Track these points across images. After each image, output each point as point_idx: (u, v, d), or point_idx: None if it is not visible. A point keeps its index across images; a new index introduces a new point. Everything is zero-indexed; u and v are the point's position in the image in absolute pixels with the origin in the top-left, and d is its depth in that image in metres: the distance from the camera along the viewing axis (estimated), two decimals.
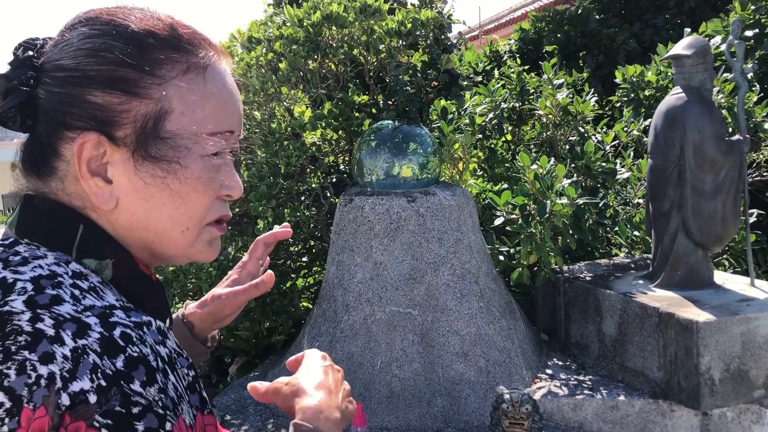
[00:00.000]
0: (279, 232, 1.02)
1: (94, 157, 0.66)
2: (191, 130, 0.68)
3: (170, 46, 0.68)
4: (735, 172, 2.90)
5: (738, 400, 2.61)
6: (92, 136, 0.65)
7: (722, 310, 2.64)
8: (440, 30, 3.82)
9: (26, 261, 0.62)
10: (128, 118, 0.65)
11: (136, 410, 0.55)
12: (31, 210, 0.67)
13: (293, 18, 3.55)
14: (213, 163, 0.70)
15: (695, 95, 2.90)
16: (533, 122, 4.15)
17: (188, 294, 3.54)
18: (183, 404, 0.60)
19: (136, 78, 0.66)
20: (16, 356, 0.54)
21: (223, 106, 0.71)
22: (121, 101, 0.65)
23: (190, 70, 0.69)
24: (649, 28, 6.16)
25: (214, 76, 0.71)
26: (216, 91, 0.70)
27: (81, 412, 0.53)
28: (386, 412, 2.71)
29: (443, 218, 2.92)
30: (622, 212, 3.78)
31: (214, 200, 0.71)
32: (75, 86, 0.65)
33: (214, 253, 0.74)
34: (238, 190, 0.73)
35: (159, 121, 0.67)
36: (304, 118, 3.46)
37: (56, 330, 0.56)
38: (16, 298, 0.58)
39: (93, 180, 0.66)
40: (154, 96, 0.66)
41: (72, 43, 0.66)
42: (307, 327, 3.09)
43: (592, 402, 2.75)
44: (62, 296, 0.59)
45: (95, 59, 0.65)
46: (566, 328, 3.25)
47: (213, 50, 0.72)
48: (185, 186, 0.68)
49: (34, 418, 0.53)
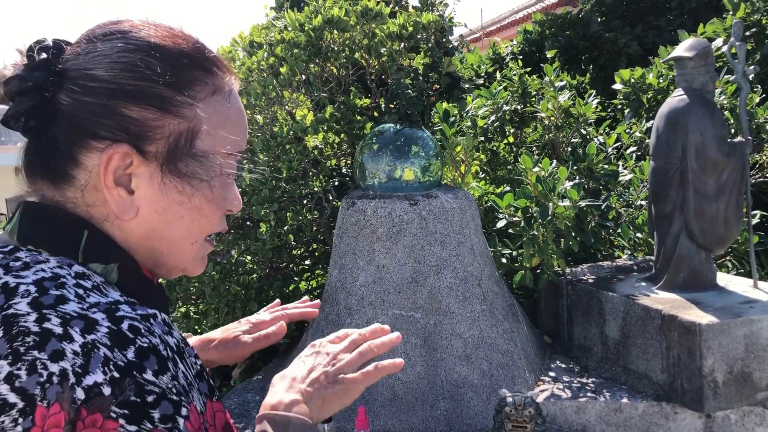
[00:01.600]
0: (307, 311, 1.07)
1: (119, 168, 0.67)
2: (216, 150, 0.71)
3: (201, 67, 0.71)
4: (737, 174, 2.89)
5: (741, 403, 2.61)
6: (123, 148, 0.66)
7: (725, 312, 2.64)
8: (442, 33, 3.83)
9: (28, 266, 0.63)
10: (161, 135, 0.67)
11: (151, 399, 0.57)
12: (32, 217, 0.67)
13: (294, 22, 3.56)
14: (227, 182, 0.74)
15: (697, 97, 2.89)
16: (535, 124, 4.15)
17: (191, 298, 3.55)
18: (193, 392, 0.61)
19: (172, 96, 0.67)
20: (25, 356, 0.55)
21: (240, 128, 0.74)
22: (155, 117, 0.67)
23: (216, 93, 0.72)
24: (651, 29, 6.16)
25: (234, 99, 0.74)
26: (235, 114, 0.74)
27: (97, 404, 0.55)
28: (389, 416, 2.71)
29: (445, 221, 2.92)
30: (624, 214, 3.78)
31: (222, 216, 0.75)
32: (110, 98, 0.65)
33: (203, 266, 0.78)
34: (239, 205, 0.77)
35: (190, 139, 0.69)
36: (306, 121, 3.46)
37: (64, 328, 0.57)
38: (20, 301, 0.58)
39: (116, 190, 0.67)
40: (188, 115, 0.69)
41: (106, 54, 0.66)
42: (310, 330, 3.09)
43: (595, 404, 2.75)
44: (67, 296, 0.60)
45: (132, 74, 0.66)
46: (569, 331, 3.25)
47: (233, 75, 0.75)
48: (206, 203, 0.72)
49: (49, 415, 0.53)
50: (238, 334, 1.01)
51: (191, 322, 3.51)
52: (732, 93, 3.82)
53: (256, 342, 1.00)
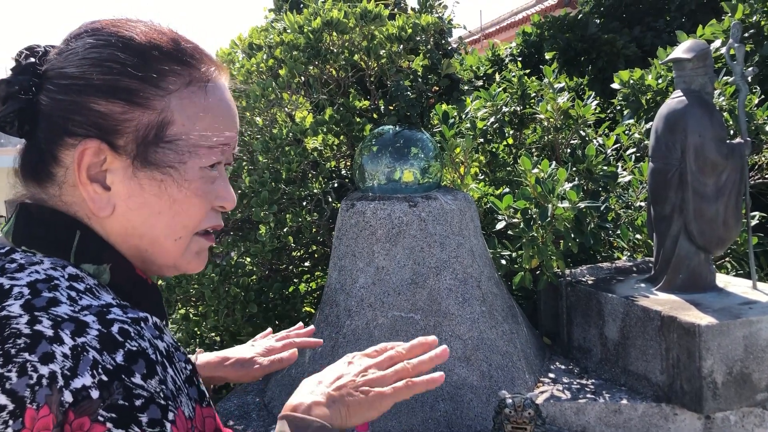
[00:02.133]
0: (311, 341, 1.09)
1: (94, 164, 0.67)
2: (190, 142, 0.70)
3: (173, 59, 0.70)
4: (736, 175, 2.90)
5: (741, 404, 2.61)
6: (93, 144, 0.66)
7: (724, 314, 2.64)
8: (441, 35, 3.83)
9: (22, 267, 0.63)
10: (130, 127, 0.67)
11: (139, 402, 0.56)
12: (27, 218, 0.68)
13: (294, 24, 3.57)
14: (209, 174, 0.72)
15: (696, 99, 2.90)
16: (534, 126, 4.15)
17: (190, 299, 3.55)
18: (182, 396, 0.61)
19: (139, 88, 0.67)
20: (16, 359, 0.55)
21: (221, 119, 0.72)
22: (123, 110, 0.66)
23: (191, 84, 0.70)
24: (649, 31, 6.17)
25: (214, 90, 0.72)
26: (215, 105, 0.72)
27: (84, 407, 0.55)
28: (389, 417, 2.71)
29: (445, 222, 2.92)
30: (623, 215, 3.78)
31: (208, 210, 0.73)
32: (78, 94, 0.66)
33: (202, 264, 0.76)
34: (231, 202, 0.75)
35: (160, 131, 0.68)
36: (306, 123, 3.47)
37: (55, 330, 0.57)
38: (13, 303, 0.59)
39: (92, 186, 0.67)
40: (157, 107, 0.68)
41: (77, 52, 0.67)
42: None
43: (594, 406, 2.75)
44: (59, 298, 0.60)
45: (100, 68, 0.66)
46: (568, 332, 3.25)
47: (214, 65, 0.74)
48: (182, 194, 0.70)
49: (38, 417, 0.54)
50: (254, 356, 1.03)
51: (191, 324, 3.51)
52: (731, 94, 3.83)
53: (271, 365, 1.02)
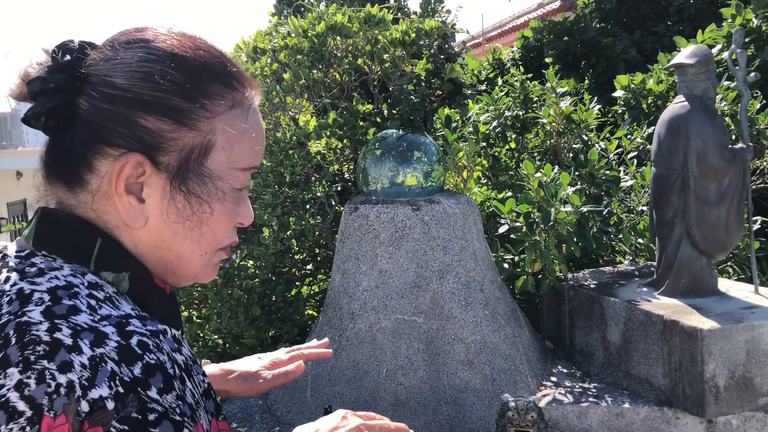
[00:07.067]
0: (322, 352, 1.12)
1: (131, 176, 0.67)
2: (228, 164, 0.71)
3: (222, 81, 0.70)
4: (738, 180, 2.91)
5: (743, 408, 2.62)
6: (137, 158, 0.66)
7: (726, 318, 2.65)
8: (444, 39, 3.85)
9: (42, 272, 0.63)
10: (175, 146, 0.67)
11: (152, 417, 0.56)
12: (48, 223, 0.68)
13: (298, 28, 3.59)
14: (239, 196, 0.73)
15: (698, 104, 2.91)
16: (537, 130, 4.17)
17: (194, 302, 3.56)
18: (200, 410, 0.61)
19: (189, 109, 0.67)
20: (35, 365, 0.55)
21: (256, 143, 0.74)
22: (171, 129, 0.67)
23: (234, 107, 0.71)
24: (650, 35, 6.18)
25: (254, 114, 0.74)
26: (252, 129, 0.73)
27: (99, 417, 0.55)
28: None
29: (448, 226, 2.93)
30: (626, 220, 3.79)
31: (232, 229, 0.75)
32: (127, 107, 0.65)
33: (215, 274, 0.78)
34: (250, 219, 0.76)
35: (202, 152, 0.69)
36: (309, 127, 3.48)
37: (74, 339, 0.57)
38: (34, 309, 0.59)
39: (127, 198, 0.67)
40: (203, 128, 0.69)
41: (127, 63, 0.66)
42: (313, 335, 3.10)
43: (597, 409, 2.75)
44: (79, 306, 0.60)
45: (151, 84, 0.66)
46: (571, 336, 3.26)
47: (255, 89, 0.75)
48: (214, 214, 0.71)
49: (54, 426, 0.54)
50: (258, 369, 1.02)
51: (194, 327, 3.52)
52: (733, 99, 3.84)
53: (276, 378, 1.01)
